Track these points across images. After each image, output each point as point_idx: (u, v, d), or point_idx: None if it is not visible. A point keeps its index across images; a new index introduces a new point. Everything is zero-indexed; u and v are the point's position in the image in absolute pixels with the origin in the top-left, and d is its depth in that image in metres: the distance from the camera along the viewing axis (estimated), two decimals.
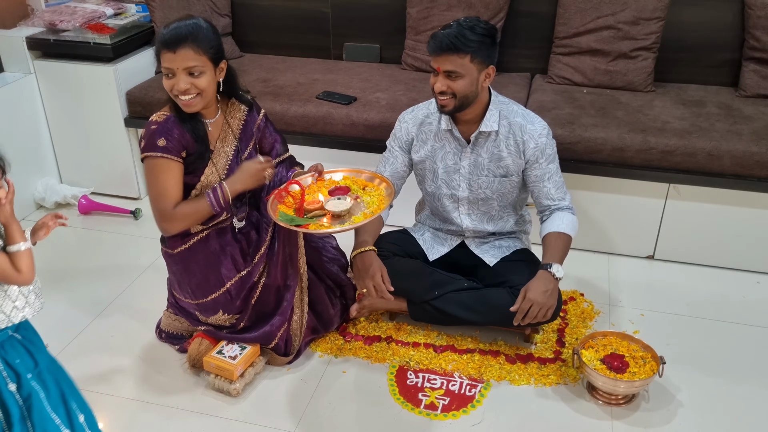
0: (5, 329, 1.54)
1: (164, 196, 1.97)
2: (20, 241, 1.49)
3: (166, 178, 1.96)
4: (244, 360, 2.07)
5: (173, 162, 1.96)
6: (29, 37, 3.02)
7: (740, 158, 2.48)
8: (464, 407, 2.03)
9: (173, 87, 1.89)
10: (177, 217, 1.99)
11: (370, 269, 2.08)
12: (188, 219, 2.01)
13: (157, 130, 1.95)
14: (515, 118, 2.10)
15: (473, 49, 1.94)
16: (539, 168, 2.11)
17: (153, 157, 1.94)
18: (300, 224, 1.91)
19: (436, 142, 2.18)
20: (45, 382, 1.59)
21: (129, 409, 2.03)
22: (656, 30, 2.85)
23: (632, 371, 2.00)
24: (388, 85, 2.99)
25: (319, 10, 3.30)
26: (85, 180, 3.22)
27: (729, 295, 2.56)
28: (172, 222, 2.00)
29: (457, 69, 1.96)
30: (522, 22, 3.08)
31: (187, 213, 2.00)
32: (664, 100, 2.83)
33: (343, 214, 1.94)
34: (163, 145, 1.93)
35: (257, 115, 2.15)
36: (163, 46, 1.87)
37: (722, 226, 2.63)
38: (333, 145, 2.84)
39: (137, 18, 3.29)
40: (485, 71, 2.00)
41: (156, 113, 2.00)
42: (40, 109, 3.11)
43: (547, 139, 2.09)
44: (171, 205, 1.97)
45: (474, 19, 1.98)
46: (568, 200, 2.15)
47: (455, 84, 1.98)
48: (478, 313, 2.19)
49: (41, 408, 1.57)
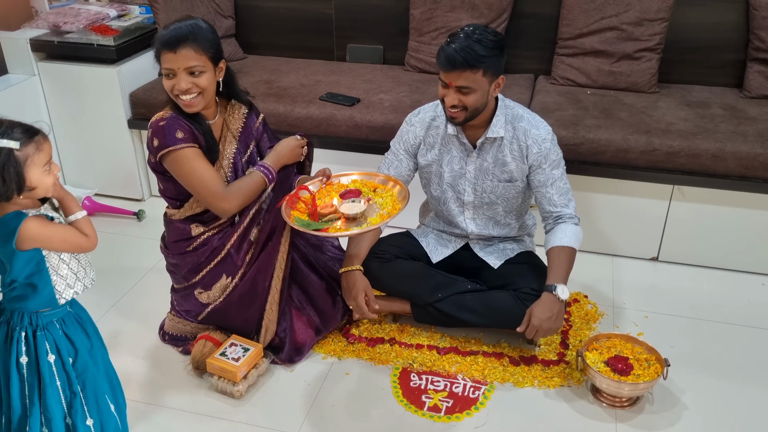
0: (64, 305, 1.62)
1: (210, 180, 1.96)
2: (77, 210, 1.59)
3: (201, 163, 1.95)
4: (247, 362, 2.07)
5: (197, 149, 1.95)
6: (33, 39, 3.03)
7: (745, 159, 2.47)
8: (468, 409, 2.03)
9: (174, 87, 1.89)
10: (232, 194, 1.99)
11: (353, 290, 2.15)
12: (243, 192, 2.01)
13: (169, 125, 1.93)
14: (520, 122, 2.09)
15: (486, 65, 1.92)
16: (542, 173, 2.10)
17: (178, 149, 1.93)
18: (318, 228, 1.92)
19: (443, 146, 2.17)
20: (96, 358, 1.69)
21: (132, 411, 2.02)
22: (660, 31, 2.84)
23: (636, 373, 1.99)
24: (392, 87, 2.98)
25: (322, 12, 3.30)
26: (89, 181, 3.23)
27: (734, 297, 2.55)
28: (229, 199, 1.98)
29: (470, 84, 1.93)
30: (525, 24, 3.07)
31: (241, 187, 2.01)
32: (668, 101, 2.82)
33: (358, 217, 1.94)
34: (182, 136, 1.93)
35: (256, 118, 2.16)
36: (163, 46, 1.87)
37: (727, 228, 2.62)
38: (336, 146, 2.84)
39: (141, 20, 3.29)
40: (495, 81, 1.98)
41: (156, 115, 1.99)
42: (44, 111, 3.12)
43: (551, 145, 2.08)
44: (220, 184, 1.97)
45: (482, 29, 1.94)
46: (572, 208, 2.12)
47: (467, 98, 1.95)
48: (482, 315, 2.18)
49: (95, 382, 1.67)
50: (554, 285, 2.03)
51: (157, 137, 1.94)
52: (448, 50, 1.91)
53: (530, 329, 2.01)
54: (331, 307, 2.27)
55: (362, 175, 2.15)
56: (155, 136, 1.95)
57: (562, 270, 2.06)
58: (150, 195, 3.24)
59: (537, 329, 2.01)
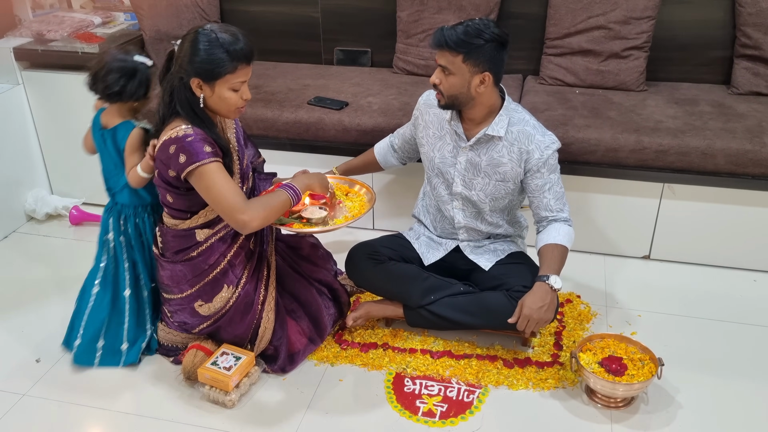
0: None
1: (231, 193, 1.89)
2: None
3: (224, 177, 1.90)
4: (239, 371, 2.05)
5: (221, 163, 1.92)
6: (17, 48, 2.99)
7: (734, 156, 2.47)
8: (462, 414, 2.02)
9: (241, 98, 1.93)
10: (253, 206, 1.91)
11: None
12: (267, 207, 1.93)
13: (196, 139, 1.88)
14: (525, 126, 2.08)
15: (466, 51, 1.93)
16: (540, 177, 2.09)
17: (206, 163, 1.88)
18: (283, 223, 2.08)
19: (438, 130, 2.19)
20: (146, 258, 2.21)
21: (124, 423, 2.01)
22: (647, 29, 2.84)
23: (631, 374, 1.99)
24: (380, 90, 2.97)
25: (309, 16, 3.28)
26: (76, 191, 3.20)
27: (726, 293, 2.55)
28: (249, 212, 1.89)
29: (448, 66, 1.97)
30: (513, 24, 3.07)
31: (265, 202, 1.95)
32: (656, 99, 2.82)
33: (318, 223, 2.07)
34: (210, 150, 1.89)
35: (238, 124, 2.16)
36: (244, 59, 1.89)
37: (718, 225, 2.62)
38: (325, 150, 2.82)
39: (126, 26, 3.27)
40: (480, 75, 1.98)
41: (170, 130, 1.90)
42: (29, 120, 3.09)
43: (553, 153, 2.07)
44: (242, 197, 1.91)
45: (485, 21, 1.96)
46: (567, 212, 2.13)
47: (446, 80, 1.99)
48: (475, 316, 2.18)
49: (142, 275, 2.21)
50: (547, 275, 2.03)
51: (183, 153, 1.87)
52: (440, 30, 1.97)
53: (522, 319, 2.00)
54: (322, 312, 2.25)
55: (336, 178, 2.37)
56: (181, 152, 1.87)
57: (554, 263, 2.06)
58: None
59: (528, 319, 2.00)
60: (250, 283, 2.11)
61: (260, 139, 2.86)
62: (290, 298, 2.23)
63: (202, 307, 2.10)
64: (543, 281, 2.02)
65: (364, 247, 2.32)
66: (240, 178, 2.07)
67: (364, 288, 2.38)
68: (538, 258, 2.11)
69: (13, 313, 2.49)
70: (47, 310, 2.50)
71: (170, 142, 1.89)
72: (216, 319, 2.12)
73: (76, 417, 2.03)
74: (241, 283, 2.10)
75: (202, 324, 2.14)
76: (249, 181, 2.15)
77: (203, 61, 1.85)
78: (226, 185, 1.89)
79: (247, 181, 2.14)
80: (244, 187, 2.10)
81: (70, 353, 2.21)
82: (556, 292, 2.03)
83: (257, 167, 2.28)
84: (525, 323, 2.01)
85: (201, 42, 1.85)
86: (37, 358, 2.26)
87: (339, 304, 2.34)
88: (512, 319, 2.03)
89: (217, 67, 1.86)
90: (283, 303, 2.21)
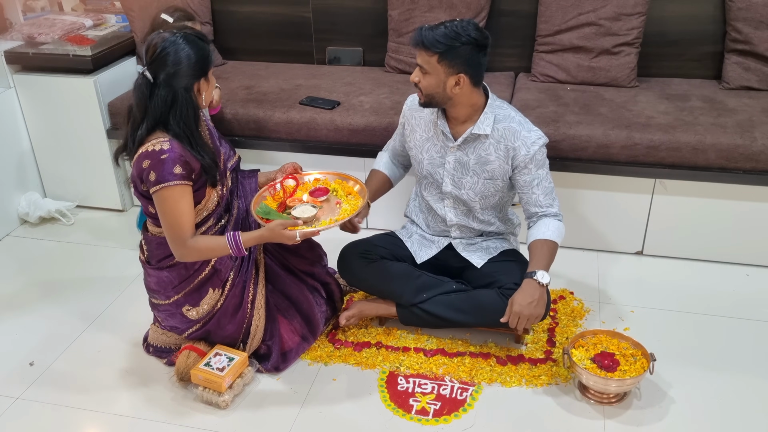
0: None
1: (181, 224, 1.90)
2: None
3: (183, 204, 1.90)
4: (232, 371, 2.05)
5: (187, 186, 1.90)
6: (8, 51, 2.99)
7: (725, 151, 2.48)
8: (456, 411, 2.02)
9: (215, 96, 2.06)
10: (194, 247, 1.94)
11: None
12: (204, 251, 1.97)
13: (170, 158, 1.86)
14: (510, 123, 2.08)
15: (440, 51, 1.93)
16: (528, 173, 2.09)
17: (170, 186, 1.86)
18: (273, 219, 2.01)
19: (425, 132, 2.19)
20: None
21: (118, 425, 2.01)
22: (638, 25, 2.84)
23: (623, 369, 1.99)
24: (372, 89, 2.97)
25: (300, 15, 3.28)
26: (69, 194, 3.20)
27: (719, 288, 2.56)
28: (188, 248, 1.93)
29: (424, 65, 1.98)
30: (504, 21, 3.07)
31: (207, 245, 1.96)
32: (647, 95, 2.83)
33: (308, 222, 2.02)
34: (180, 172, 1.87)
35: (211, 123, 2.17)
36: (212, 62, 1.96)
37: (710, 220, 2.63)
38: (318, 150, 2.82)
39: (117, 28, 3.27)
40: (455, 76, 1.97)
41: (150, 142, 1.89)
42: (21, 124, 3.08)
43: (539, 149, 2.07)
44: (189, 232, 1.93)
45: (465, 23, 1.95)
46: (557, 207, 2.13)
47: (423, 79, 2.00)
48: (468, 314, 2.18)
49: None
50: (534, 271, 2.03)
51: (155, 170, 1.86)
52: (418, 29, 1.98)
53: (512, 317, 2.01)
54: (314, 310, 2.25)
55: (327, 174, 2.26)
56: (153, 169, 1.86)
57: (543, 259, 2.06)
58: (131, 205, 3.22)
59: (519, 316, 2.00)
60: (237, 285, 2.11)
61: (252, 139, 2.87)
62: (281, 296, 2.24)
63: (190, 311, 2.10)
64: (531, 277, 2.03)
65: (356, 245, 2.32)
66: (219, 180, 2.05)
67: (357, 287, 2.38)
68: (528, 254, 2.11)
69: (7, 316, 2.50)
70: (41, 313, 2.50)
71: (146, 156, 1.88)
72: (205, 322, 2.12)
73: (71, 420, 2.03)
74: (228, 285, 2.10)
75: (191, 327, 2.14)
76: (228, 180, 2.12)
77: (199, 59, 1.88)
78: (181, 215, 1.90)
79: (227, 181, 2.11)
80: (224, 188, 2.09)
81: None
82: (544, 288, 2.03)
83: (236, 166, 2.25)
84: (516, 320, 2.01)
85: (184, 47, 1.87)
86: (30, 361, 2.26)
87: (332, 301, 2.34)
88: (503, 319, 2.04)
89: (208, 56, 1.91)
90: (274, 301, 2.21)
